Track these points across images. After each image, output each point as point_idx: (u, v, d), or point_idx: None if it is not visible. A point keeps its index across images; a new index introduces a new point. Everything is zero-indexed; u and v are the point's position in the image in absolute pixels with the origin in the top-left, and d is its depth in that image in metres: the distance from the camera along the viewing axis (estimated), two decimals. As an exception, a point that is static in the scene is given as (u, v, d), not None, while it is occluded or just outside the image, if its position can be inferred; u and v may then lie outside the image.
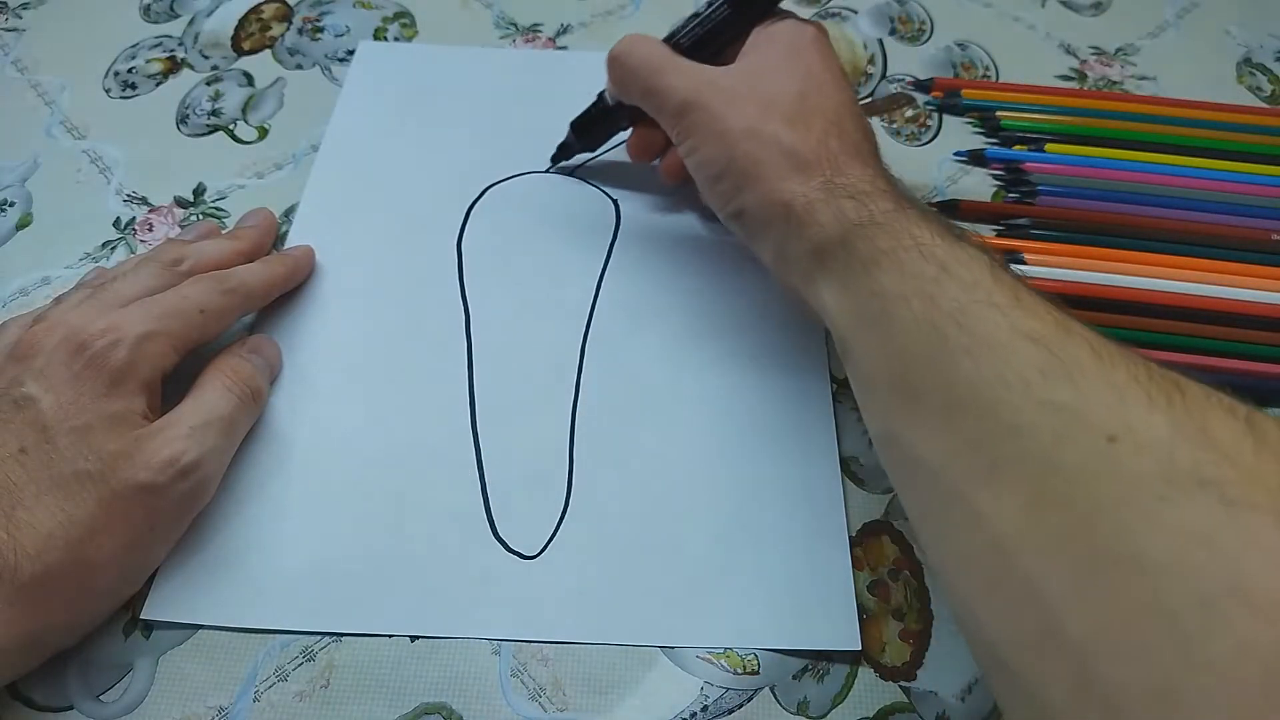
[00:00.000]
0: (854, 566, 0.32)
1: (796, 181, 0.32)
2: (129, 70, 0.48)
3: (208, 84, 0.48)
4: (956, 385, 0.25)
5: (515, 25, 0.51)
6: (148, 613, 0.31)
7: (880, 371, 0.29)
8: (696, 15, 0.37)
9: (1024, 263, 0.40)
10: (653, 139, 0.40)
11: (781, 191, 0.32)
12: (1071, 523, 0.22)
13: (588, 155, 0.43)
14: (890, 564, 0.33)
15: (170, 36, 0.50)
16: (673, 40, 0.38)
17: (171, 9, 0.52)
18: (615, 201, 0.43)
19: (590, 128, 0.42)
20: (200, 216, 0.42)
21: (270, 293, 0.37)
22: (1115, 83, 0.49)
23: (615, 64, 0.38)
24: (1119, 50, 0.51)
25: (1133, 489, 0.21)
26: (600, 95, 0.41)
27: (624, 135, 0.42)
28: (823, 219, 0.31)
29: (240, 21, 0.51)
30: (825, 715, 0.30)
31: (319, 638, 0.31)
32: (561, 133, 0.42)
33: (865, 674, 0.31)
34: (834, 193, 0.31)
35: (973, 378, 0.25)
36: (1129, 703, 0.20)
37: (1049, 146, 0.45)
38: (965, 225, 0.42)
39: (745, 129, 0.33)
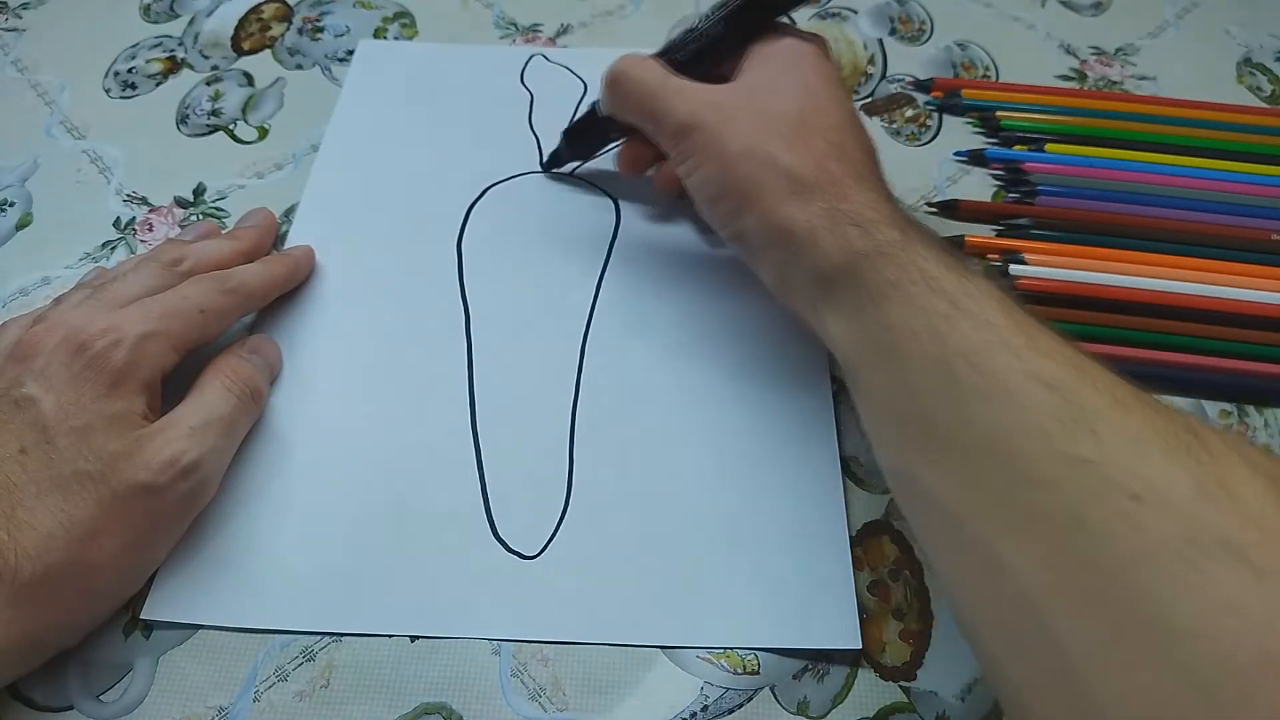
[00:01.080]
0: (854, 566, 0.32)
1: (797, 205, 0.31)
2: (129, 70, 0.48)
3: (208, 84, 0.48)
4: (973, 430, 0.25)
5: (515, 25, 0.51)
6: (148, 613, 0.31)
7: (891, 406, 0.28)
8: (693, 30, 0.37)
9: (1024, 263, 0.40)
10: (642, 154, 0.40)
11: (782, 215, 0.31)
12: (1098, 583, 0.22)
13: (579, 163, 0.43)
14: (890, 564, 0.33)
15: (170, 36, 0.50)
16: (668, 55, 0.37)
17: (171, 9, 0.52)
18: (615, 202, 0.43)
19: (582, 137, 0.41)
20: (200, 217, 0.42)
21: (270, 293, 0.37)
22: (1115, 83, 0.49)
23: (613, 85, 0.37)
24: (1119, 50, 0.51)
25: (1159, 551, 0.21)
26: (593, 105, 0.40)
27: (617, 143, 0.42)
28: (827, 246, 0.30)
29: (240, 21, 0.51)
30: (825, 715, 0.30)
31: (319, 638, 0.31)
32: (561, 132, 0.42)
33: (865, 674, 0.31)
34: (837, 219, 0.30)
35: (989, 424, 0.25)
36: None
37: (1049, 146, 0.45)
38: (965, 225, 0.43)
39: (743, 149, 0.33)
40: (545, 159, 0.43)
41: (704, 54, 0.37)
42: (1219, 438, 0.23)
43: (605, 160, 0.44)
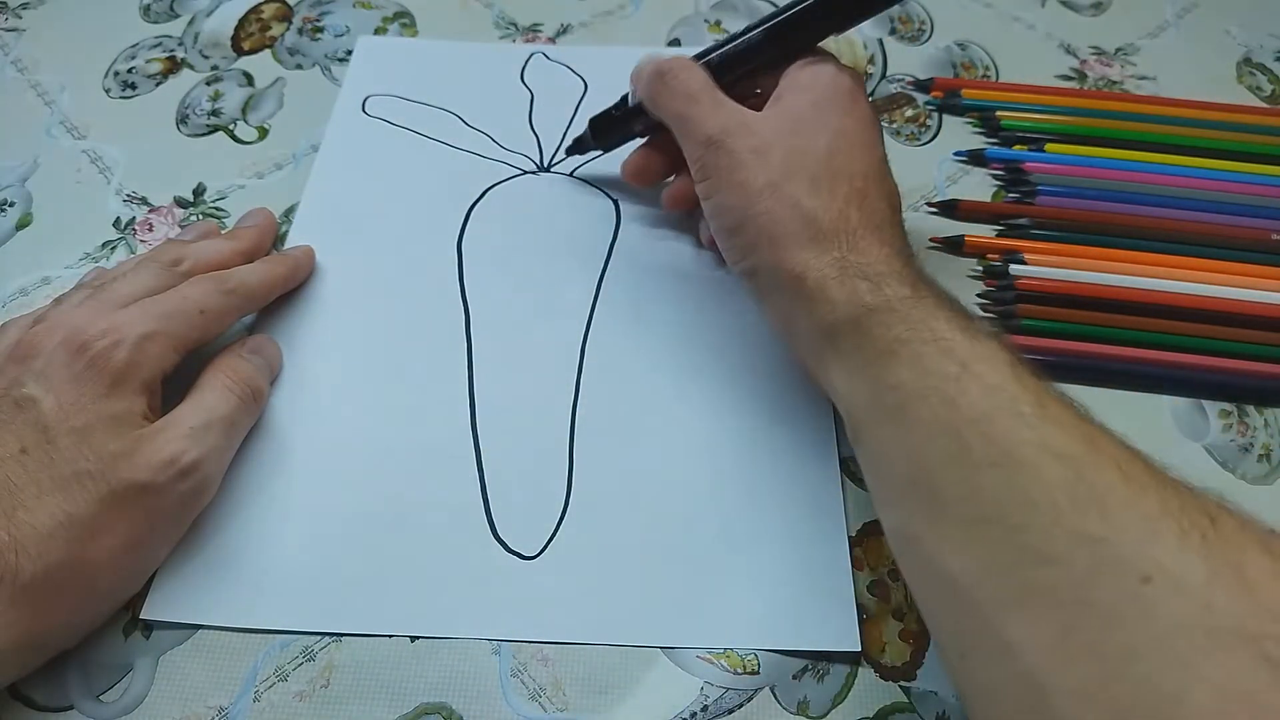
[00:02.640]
0: (854, 566, 0.32)
1: (812, 253, 0.31)
2: (129, 70, 0.48)
3: (208, 84, 0.48)
4: (981, 498, 0.25)
5: (515, 25, 0.51)
6: (148, 613, 0.31)
7: (897, 467, 0.28)
8: (732, 40, 0.37)
9: (1024, 263, 0.40)
10: (654, 164, 0.40)
11: (795, 262, 0.31)
12: (1107, 668, 0.21)
13: (600, 152, 0.43)
14: (890, 564, 0.33)
15: (170, 36, 0.50)
16: (704, 59, 0.37)
17: (171, 9, 0.52)
18: (615, 201, 0.43)
19: (608, 128, 0.41)
20: (200, 217, 0.42)
21: (270, 293, 0.37)
22: (1115, 83, 0.49)
23: (657, 78, 0.36)
24: (1119, 50, 0.51)
25: (1170, 638, 0.20)
26: (624, 97, 0.39)
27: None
28: (835, 297, 0.30)
29: (240, 21, 0.51)
30: (825, 715, 0.30)
31: (319, 638, 0.31)
32: (563, 132, 0.42)
33: (865, 674, 0.31)
34: (848, 271, 0.30)
35: (999, 494, 0.24)
36: None
37: (1049, 146, 0.45)
38: (965, 225, 0.43)
39: (767, 184, 0.32)
40: (569, 143, 0.42)
41: (739, 65, 0.36)
42: (1236, 522, 0.22)
43: (605, 161, 0.44)
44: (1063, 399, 0.26)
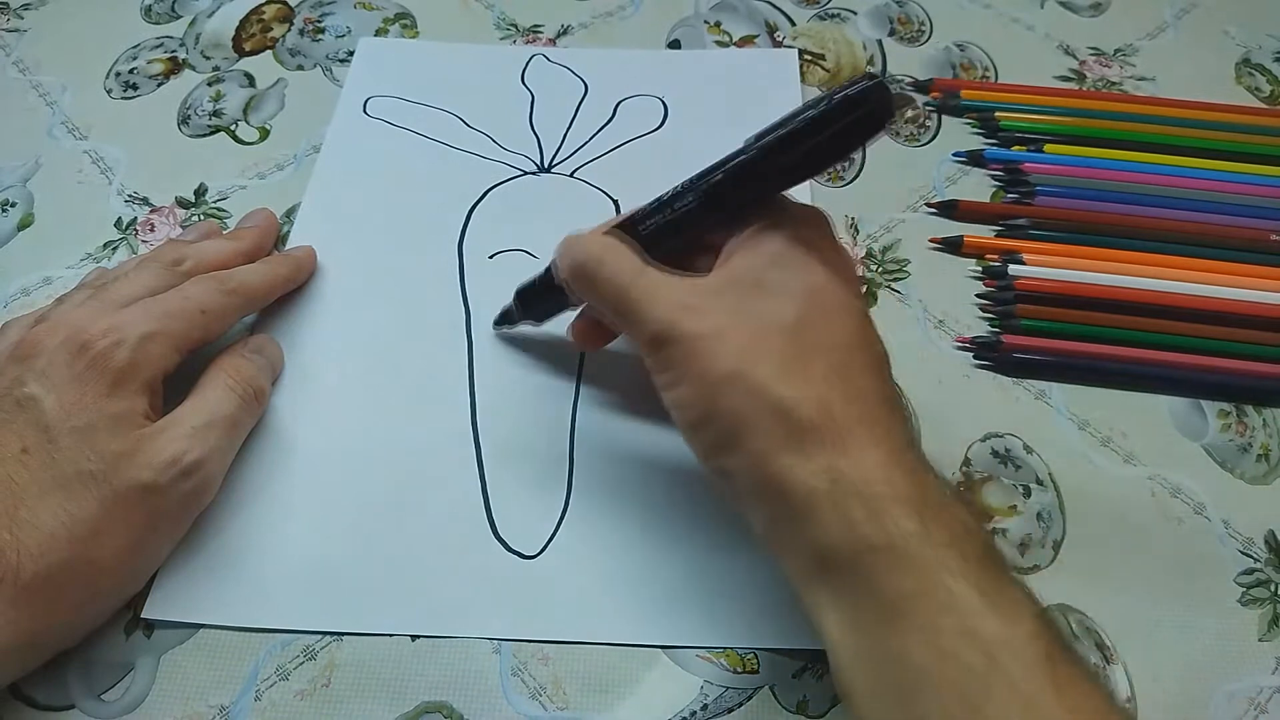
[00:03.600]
0: (853, 566, 0.33)
1: (793, 457, 0.26)
2: (130, 71, 0.48)
3: (209, 85, 0.48)
4: None
5: (515, 26, 0.51)
6: (149, 612, 0.31)
7: None
8: (664, 202, 0.31)
9: (1023, 263, 0.40)
10: (601, 330, 0.35)
11: (775, 468, 0.26)
12: None
13: (533, 323, 0.37)
14: (889, 564, 0.33)
15: (171, 37, 0.50)
16: (638, 224, 0.31)
17: (173, 10, 0.52)
18: (615, 202, 0.43)
19: (537, 301, 0.36)
20: (201, 217, 0.42)
21: (272, 293, 0.38)
22: (1114, 83, 0.49)
23: (575, 275, 0.31)
24: (1118, 51, 0.51)
25: None
26: (549, 267, 0.34)
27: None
28: (826, 520, 0.25)
29: (241, 22, 0.51)
30: (825, 714, 0.30)
31: (320, 637, 0.31)
32: (563, 133, 0.42)
33: (864, 673, 0.31)
34: (840, 486, 0.25)
35: None
36: None
37: (1048, 147, 0.45)
38: (964, 225, 0.43)
39: (729, 373, 0.27)
40: (497, 316, 0.38)
41: (677, 231, 0.31)
42: None
43: (606, 160, 0.44)
44: (1100, 688, 0.24)
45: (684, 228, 0.31)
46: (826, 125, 0.28)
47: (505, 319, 0.38)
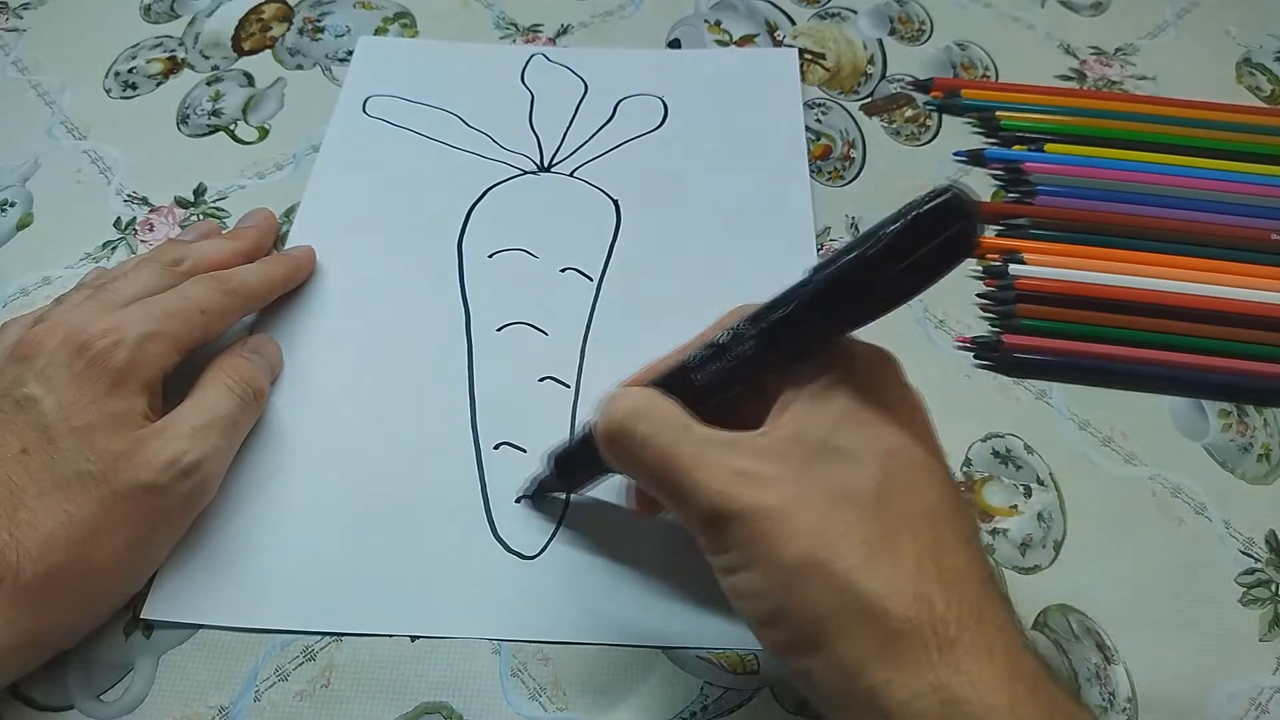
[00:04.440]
0: (854, 566, 0.32)
1: (891, 669, 0.22)
2: (129, 70, 0.48)
3: (208, 84, 0.48)
4: None
5: (515, 25, 0.51)
6: (148, 612, 0.31)
7: None
8: (717, 346, 0.27)
9: (1023, 263, 0.40)
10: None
11: (869, 681, 0.22)
12: None
13: (568, 494, 0.34)
14: (890, 564, 0.33)
15: (171, 37, 0.50)
16: (685, 375, 0.27)
17: (172, 9, 0.52)
18: (615, 202, 0.43)
19: (576, 467, 0.32)
20: (201, 217, 0.42)
21: (271, 293, 0.37)
22: (1115, 83, 0.49)
23: (611, 442, 0.27)
24: (1118, 50, 0.51)
25: None
26: (588, 429, 0.29)
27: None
28: None
29: (240, 22, 0.51)
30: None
31: (319, 637, 0.31)
32: (562, 132, 0.42)
33: (865, 673, 0.31)
34: (953, 710, 0.21)
35: None
36: None
37: (1048, 146, 0.45)
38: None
39: (802, 558, 0.23)
40: (528, 487, 0.33)
41: (732, 380, 0.27)
42: None
43: (606, 160, 0.44)
44: None
45: (740, 378, 0.27)
46: (902, 252, 0.23)
47: (539, 489, 0.33)
